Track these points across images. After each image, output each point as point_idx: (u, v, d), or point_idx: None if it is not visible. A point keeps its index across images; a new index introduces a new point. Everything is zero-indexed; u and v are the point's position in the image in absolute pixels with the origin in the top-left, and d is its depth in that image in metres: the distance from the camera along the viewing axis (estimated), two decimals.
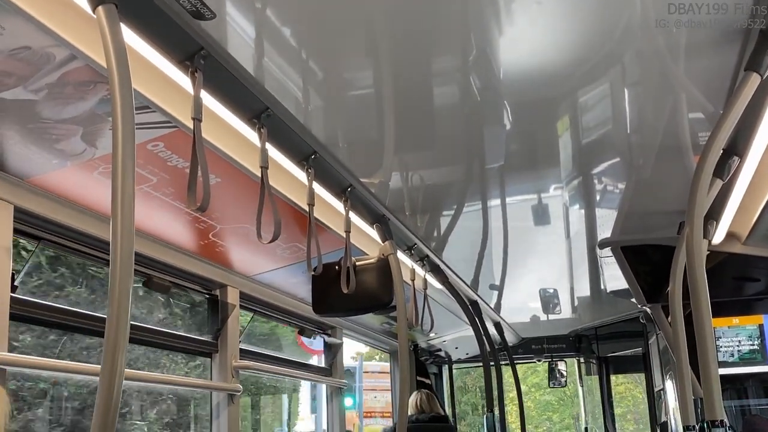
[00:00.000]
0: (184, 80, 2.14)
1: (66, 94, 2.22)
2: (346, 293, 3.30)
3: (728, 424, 2.48)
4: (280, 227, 2.45)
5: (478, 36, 2.30)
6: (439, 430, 6.31)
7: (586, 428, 9.80)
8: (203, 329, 4.11)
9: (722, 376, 2.42)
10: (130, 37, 1.94)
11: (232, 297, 4.09)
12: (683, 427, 3.49)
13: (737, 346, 4.94)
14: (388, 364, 8.12)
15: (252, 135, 2.51)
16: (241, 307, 4.23)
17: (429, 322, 4.41)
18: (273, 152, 2.65)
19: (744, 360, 4.93)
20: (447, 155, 3.31)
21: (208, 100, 2.25)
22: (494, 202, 4.05)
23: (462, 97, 2.76)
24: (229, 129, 2.52)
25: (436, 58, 2.44)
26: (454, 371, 9.55)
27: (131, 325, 1.65)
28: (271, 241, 2.45)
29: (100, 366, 1.58)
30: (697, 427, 3.50)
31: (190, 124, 2.05)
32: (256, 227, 2.40)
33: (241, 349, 4.18)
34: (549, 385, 9.48)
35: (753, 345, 4.92)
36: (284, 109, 2.52)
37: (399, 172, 3.40)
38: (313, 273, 3.00)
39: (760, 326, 4.93)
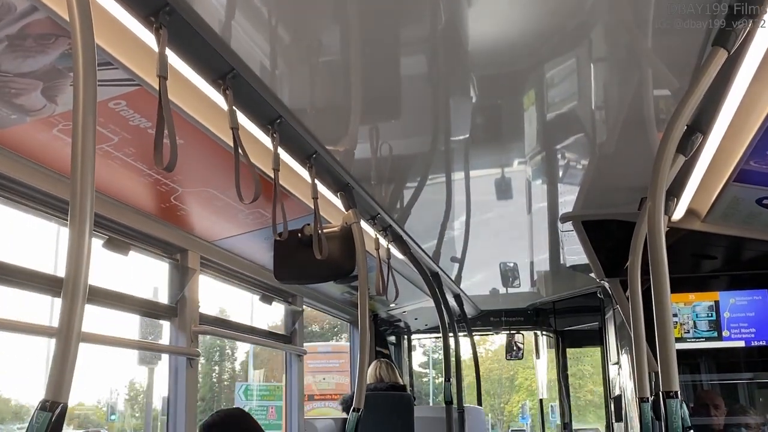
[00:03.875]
0: (148, 37, 2.10)
1: (26, 47, 2.16)
2: (308, 261, 3.28)
3: (681, 398, 2.52)
4: (261, 187, 2.46)
5: (447, 5, 2.28)
6: (396, 399, 6.36)
7: (540, 399, 10.00)
8: None
9: (677, 351, 2.46)
10: None
11: (193, 261, 4.05)
12: (638, 399, 3.56)
13: (692, 322, 5.02)
14: (342, 343, 7.54)
15: (217, 96, 2.47)
16: (202, 272, 4.20)
17: (394, 293, 4.42)
18: (237, 115, 2.62)
19: (698, 336, 5.01)
20: (413, 126, 3.29)
21: (172, 59, 2.20)
22: (458, 175, 4.06)
23: (429, 67, 2.75)
24: (194, 90, 2.48)
25: (404, 27, 2.43)
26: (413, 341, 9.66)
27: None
28: (252, 201, 2.48)
29: (56, 326, 1.55)
30: (651, 399, 3.57)
31: (153, 82, 2.02)
32: (235, 188, 2.41)
33: (200, 314, 4.15)
34: (506, 357, 9.63)
35: (708, 321, 5.01)
36: (250, 72, 2.48)
37: (364, 140, 3.39)
38: (278, 238, 2.99)
39: (716, 302, 5.01)
